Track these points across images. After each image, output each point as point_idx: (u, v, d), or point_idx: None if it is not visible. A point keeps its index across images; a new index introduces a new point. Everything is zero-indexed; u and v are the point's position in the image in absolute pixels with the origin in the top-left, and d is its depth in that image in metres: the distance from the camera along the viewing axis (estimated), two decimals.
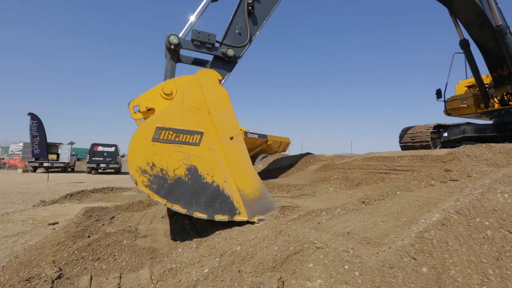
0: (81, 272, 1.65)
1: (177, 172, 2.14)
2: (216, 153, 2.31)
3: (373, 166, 3.72)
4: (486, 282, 0.99)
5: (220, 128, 2.35)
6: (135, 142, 2.04)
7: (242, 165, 2.38)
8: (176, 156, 2.16)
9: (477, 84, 6.17)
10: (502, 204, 1.46)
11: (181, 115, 2.21)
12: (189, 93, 2.28)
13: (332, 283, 1.08)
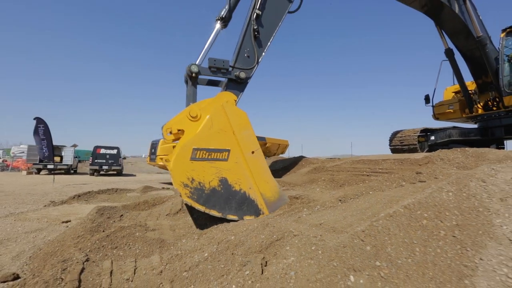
0: (103, 258, 2.00)
1: (211, 183, 2.59)
2: (241, 165, 2.77)
3: (358, 169, 4.07)
4: (412, 256, 1.33)
5: (243, 145, 2.81)
6: (177, 162, 2.48)
7: (263, 174, 2.88)
8: (210, 171, 2.60)
9: (462, 91, 6.54)
10: (443, 201, 1.81)
11: (212, 137, 2.66)
12: (216, 118, 2.73)
13: (301, 259, 1.43)
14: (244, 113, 2.95)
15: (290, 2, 3.97)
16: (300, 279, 1.26)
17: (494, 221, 1.65)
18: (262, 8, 3.69)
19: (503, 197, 1.91)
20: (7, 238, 3.34)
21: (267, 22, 3.79)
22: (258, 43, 3.73)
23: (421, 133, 6.59)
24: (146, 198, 4.72)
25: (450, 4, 5.52)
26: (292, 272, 1.33)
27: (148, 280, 1.65)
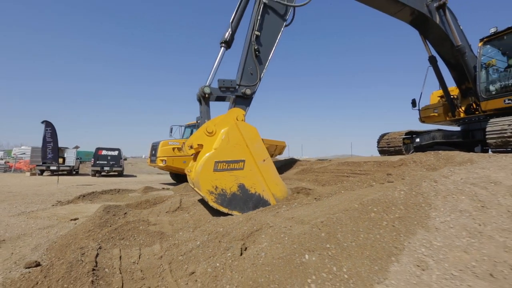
0: (112, 246, 2.38)
1: (232, 189, 3.09)
2: (255, 172, 3.26)
3: (341, 170, 4.45)
4: (356, 240, 1.71)
5: (255, 155, 3.29)
6: (203, 173, 2.98)
7: (273, 178, 3.39)
8: (230, 179, 3.10)
9: (445, 95, 6.92)
10: (394, 198, 2.19)
11: (229, 151, 3.15)
12: (232, 134, 3.23)
13: (271, 244, 1.81)
14: (255, 128, 3.47)
15: (284, 21, 4.33)
16: (268, 258, 1.64)
17: (431, 214, 2.03)
18: (260, 28, 4.06)
19: (446, 195, 2.30)
20: (24, 233, 3.72)
21: (266, 41, 4.16)
22: (259, 61, 4.11)
23: (407, 136, 6.98)
24: (147, 198, 5.11)
25: (431, 15, 5.90)
26: (263, 253, 1.71)
27: (151, 263, 2.04)
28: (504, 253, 1.49)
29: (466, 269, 1.43)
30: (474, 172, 2.85)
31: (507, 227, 1.74)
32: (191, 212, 3.50)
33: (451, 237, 1.72)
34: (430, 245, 1.66)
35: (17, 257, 2.85)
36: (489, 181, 2.47)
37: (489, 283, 1.31)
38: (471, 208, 2.03)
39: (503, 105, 5.53)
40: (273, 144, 14.26)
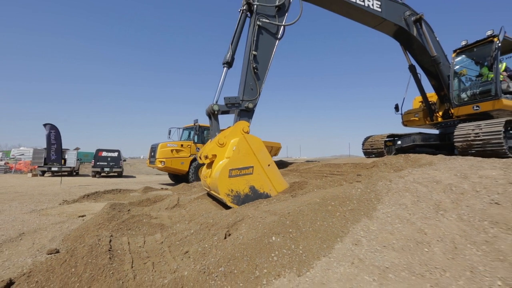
0: (121, 235, 2.87)
1: (244, 191, 3.69)
2: (262, 175, 3.87)
3: (322, 171, 4.97)
4: (312, 226, 2.22)
5: (261, 161, 3.91)
6: (220, 180, 3.59)
7: (277, 178, 4.02)
8: (242, 182, 3.70)
9: (424, 101, 7.46)
10: (351, 194, 2.71)
11: (240, 160, 3.75)
12: (242, 146, 3.85)
13: (248, 230, 2.32)
14: (259, 139, 4.09)
15: (276, 39, 4.83)
16: (244, 239, 2.15)
17: (377, 207, 2.55)
18: (256, 48, 4.55)
19: (394, 192, 2.81)
20: (39, 228, 4.20)
21: (262, 59, 4.66)
22: (258, 77, 4.61)
23: (389, 138, 7.51)
24: (148, 197, 5.60)
25: (409, 28, 6.44)
26: (241, 236, 2.22)
27: (153, 247, 2.54)
28: (416, 234, 2.00)
29: (387, 245, 1.95)
30: (426, 173, 3.37)
31: (429, 216, 2.26)
32: (187, 208, 4.00)
33: (385, 223, 2.23)
34: (367, 229, 2.17)
35: (38, 246, 3.35)
36: (433, 181, 2.99)
37: (398, 254, 1.82)
38: (409, 202, 2.55)
39: (472, 111, 6.07)
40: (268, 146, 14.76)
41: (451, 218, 2.19)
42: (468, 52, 6.43)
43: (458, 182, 2.86)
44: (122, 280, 1.86)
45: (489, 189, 2.58)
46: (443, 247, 1.84)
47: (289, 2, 4.91)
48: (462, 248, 1.81)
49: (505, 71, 6.18)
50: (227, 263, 1.92)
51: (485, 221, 2.07)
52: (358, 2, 5.67)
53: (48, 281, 2.00)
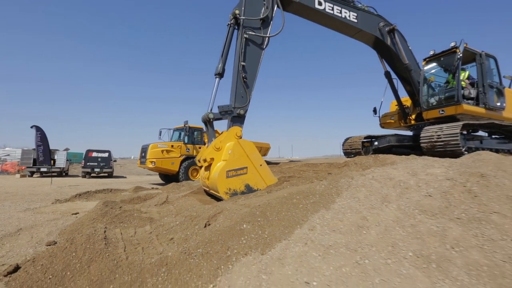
0: (114, 227, 3.23)
1: (240, 189, 4.20)
2: (256, 174, 4.40)
3: (302, 170, 5.42)
4: (278, 216, 2.65)
5: (254, 161, 4.44)
6: (219, 181, 4.09)
7: (268, 176, 4.55)
8: (238, 181, 4.21)
9: (398, 105, 8.04)
10: (315, 189, 3.15)
11: (235, 162, 4.26)
12: (236, 150, 4.36)
13: (225, 220, 2.73)
14: (251, 143, 4.63)
15: (262, 49, 5.24)
16: (220, 227, 2.55)
17: (335, 200, 3.00)
18: (244, 59, 4.96)
19: (353, 187, 3.28)
20: (35, 224, 4.49)
21: (250, 69, 5.07)
22: (247, 85, 5.02)
23: (366, 139, 8.06)
24: (138, 195, 5.93)
25: (383, 38, 6.97)
26: (218, 225, 2.63)
27: (143, 236, 2.92)
28: (360, 220, 2.46)
29: (335, 230, 2.40)
30: (385, 171, 3.86)
31: (374, 206, 2.72)
32: (175, 204, 4.38)
33: (338, 213, 2.68)
34: (323, 218, 2.62)
35: (36, 239, 3.67)
36: (387, 178, 3.47)
37: (342, 235, 2.27)
38: (362, 196, 3.01)
39: (439, 115, 6.66)
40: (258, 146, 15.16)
41: (391, 208, 2.66)
42: (436, 61, 7.02)
43: (407, 178, 3.35)
44: (116, 260, 2.24)
45: (428, 184, 3.07)
46: (378, 230, 2.30)
47: (272, 15, 5.34)
48: (391, 230, 2.27)
49: (468, 79, 6.80)
50: (204, 245, 2.33)
51: (416, 210, 2.54)
52: (336, 14, 6.15)
53: (52, 264, 2.36)
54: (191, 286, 1.99)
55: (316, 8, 5.74)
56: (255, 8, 5.04)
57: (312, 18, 6.10)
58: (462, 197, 2.64)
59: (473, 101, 6.55)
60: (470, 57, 6.78)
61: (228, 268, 2.11)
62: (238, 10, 4.89)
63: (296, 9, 5.72)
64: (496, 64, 6.89)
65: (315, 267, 1.95)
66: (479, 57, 6.60)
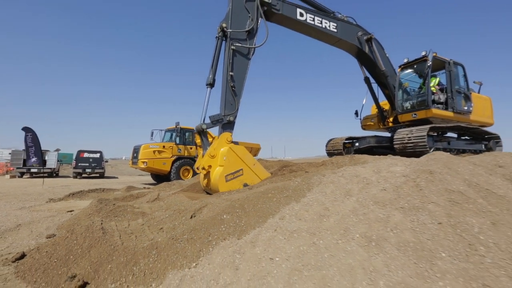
0: (109, 221, 3.59)
1: (240, 188, 4.60)
2: (251, 173, 4.96)
3: (283, 169, 5.85)
4: (254, 207, 3.06)
5: (248, 163, 4.98)
6: (220, 185, 4.68)
7: (262, 172, 5.11)
8: (237, 183, 4.76)
9: (377, 108, 8.60)
10: (289, 185, 3.58)
11: (231, 166, 4.80)
12: (230, 155, 4.86)
13: (208, 212, 3.13)
14: (243, 147, 5.15)
15: (249, 59, 5.65)
16: (204, 217, 2.95)
17: (306, 194, 3.44)
18: (232, 69, 5.35)
19: (324, 184, 3.72)
20: (33, 220, 4.78)
21: (238, 78, 5.47)
22: (235, 93, 5.42)
23: (347, 141, 8.59)
24: (131, 193, 6.25)
25: (362, 46, 7.50)
26: (202, 216, 3.03)
27: (136, 227, 3.29)
28: (322, 211, 2.90)
29: (301, 218, 2.83)
30: (355, 169, 4.32)
31: (338, 199, 3.17)
32: (166, 201, 4.75)
33: (306, 205, 3.12)
34: (292, 209, 3.05)
35: (36, 233, 3.98)
36: (354, 175, 3.93)
37: (305, 223, 2.71)
38: (329, 190, 3.46)
39: (412, 118, 7.23)
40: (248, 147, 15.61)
41: (351, 200, 3.11)
42: (410, 68, 7.60)
43: (370, 175, 3.82)
44: (113, 246, 2.62)
45: (387, 180, 3.54)
46: (335, 218, 2.74)
47: (257, 27, 5.76)
48: (346, 217, 2.72)
49: (438, 85, 7.39)
50: (189, 232, 2.73)
51: (371, 202, 3.00)
52: (317, 24, 6.63)
53: (56, 250, 2.71)
54: (177, 265, 2.39)
55: (298, 19, 6.20)
56: (241, 20, 5.45)
57: (294, 28, 6.55)
58: (409, 191, 3.12)
59: (442, 105, 7.13)
60: (440, 65, 7.37)
61: (209, 250, 2.52)
62: (225, 23, 5.29)
63: (279, 20, 6.16)
64: (464, 71, 7.51)
65: (279, 247, 2.37)
66: (447, 64, 7.20)
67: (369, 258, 2.13)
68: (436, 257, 2.06)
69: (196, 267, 2.34)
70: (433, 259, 2.04)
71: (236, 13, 5.36)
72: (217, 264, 2.30)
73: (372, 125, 8.95)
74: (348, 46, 7.43)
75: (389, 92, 8.08)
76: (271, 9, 5.78)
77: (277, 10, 5.83)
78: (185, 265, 2.38)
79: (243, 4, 5.40)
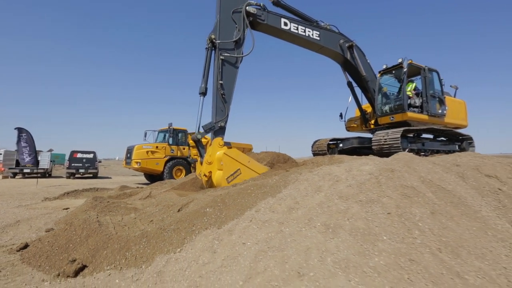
0: (104, 215, 3.94)
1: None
2: (248, 170, 5.45)
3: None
4: (234, 201, 3.46)
5: (243, 162, 5.45)
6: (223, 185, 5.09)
7: (258, 167, 5.64)
8: (238, 181, 5.09)
9: (359, 111, 9.10)
10: (267, 183, 3.99)
11: (229, 169, 5.25)
12: (226, 160, 5.29)
13: (193, 206, 3.52)
14: (236, 149, 5.62)
15: (237, 68, 6.03)
16: (189, 211, 3.34)
17: (282, 190, 3.86)
18: (221, 78, 5.73)
19: (299, 181, 4.15)
20: (31, 217, 5.09)
21: (227, 86, 5.85)
22: (225, 100, 5.80)
23: (331, 142, 9.07)
24: (124, 192, 6.59)
25: (344, 53, 7.97)
26: (188, 209, 3.41)
27: (129, 221, 3.66)
28: (293, 204, 3.32)
29: (274, 211, 3.24)
30: (330, 168, 4.76)
31: (308, 195, 3.60)
32: (157, 198, 5.11)
33: (280, 200, 3.54)
34: (267, 203, 3.47)
35: (35, 228, 4.31)
36: (327, 173, 4.37)
37: (277, 214, 3.12)
38: (302, 187, 3.88)
39: (390, 121, 7.73)
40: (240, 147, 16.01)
41: (320, 195, 3.54)
42: (388, 73, 8.11)
43: (341, 174, 4.26)
44: (108, 235, 2.99)
45: (354, 178, 3.99)
46: (303, 210, 3.16)
47: (244, 37, 6.16)
48: (312, 210, 3.14)
49: (414, 90, 7.92)
50: (176, 223, 3.11)
51: (336, 196, 3.43)
52: (300, 33, 7.07)
53: (56, 240, 3.07)
54: (164, 250, 2.78)
55: (282, 29, 6.62)
56: (228, 31, 5.85)
57: (279, 36, 6.98)
58: (371, 186, 3.56)
59: (418, 109, 7.65)
60: (416, 71, 7.90)
61: (192, 238, 2.91)
62: (214, 34, 5.68)
63: (264, 29, 6.58)
64: (439, 77, 8.05)
65: (252, 234, 2.78)
66: (423, 71, 7.73)
67: (324, 242, 2.55)
68: (379, 239, 2.50)
69: (180, 252, 2.73)
70: (375, 242, 2.47)
71: (223, 24, 5.75)
72: (198, 249, 2.70)
73: (356, 127, 9.45)
74: (331, 53, 7.89)
75: (370, 96, 8.58)
76: (257, 20, 6.18)
77: (262, 20, 6.24)
78: (171, 250, 2.76)
79: (230, 15, 5.79)
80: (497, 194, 3.70)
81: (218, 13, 5.70)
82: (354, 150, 9.06)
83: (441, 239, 2.55)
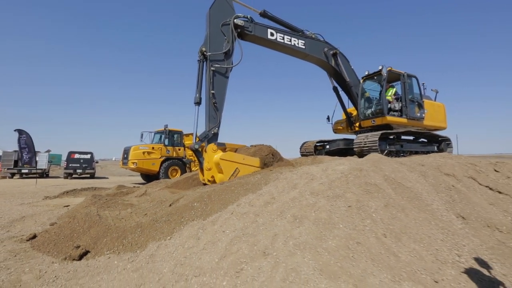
0: (103, 210, 4.39)
1: None
2: (245, 166, 5.94)
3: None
4: (220, 197, 3.93)
5: (239, 160, 5.92)
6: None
7: (252, 161, 6.13)
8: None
9: (345, 114, 9.62)
10: (250, 180, 4.47)
11: (228, 170, 5.72)
12: (224, 164, 5.72)
13: (183, 201, 3.99)
14: (229, 152, 6.10)
15: (227, 78, 6.48)
16: (179, 205, 3.80)
17: (262, 188, 4.34)
18: (213, 88, 6.16)
19: (279, 179, 4.63)
20: (34, 214, 5.52)
21: (219, 95, 6.29)
22: (217, 109, 6.24)
23: (318, 143, 9.57)
24: (121, 191, 7.03)
25: (328, 60, 8.48)
26: (178, 204, 3.88)
27: (126, 215, 4.12)
28: (270, 199, 3.81)
29: (253, 205, 3.72)
30: (308, 168, 5.25)
31: (285, 191, 4.08)
32: (152, 196, 5.58)
33: (259, 195, 4.01)
34: (248, 198, 3.94)
35: (40, 222, 4.75)
36: (305, 172, 4.85)
37: (255, 208, 3.60)
38: (280, 185, 4.36)
39: (371, 124, 8.25)
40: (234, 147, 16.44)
41: (294, 192, 4.03)
42: (370, 79, 8.64)
43: (317, 173, 4.76)
44: (107, 226, 3.45)
45: (327, 176, 4.48)
46: (278, 204, 3.64)
47: (233, 48, 6.62)
48: (285, 204, 3.62)
49: (395, 95, 8.45)
50: (167, 216, 3.58)
51: (308, 192, 3.92)
52: (286, 42, 7.56)
53: (62, 231, 3.53)
54: (156, 238, 3.25)
55: (269, 39, 7.11)
56: (218, 43, 6.31)
57: (266, 45, 7.47)
58: (340, 184, 4.06)
59: (397, 113, 8.19)
60: (396, 77, 8.44)
61: (180, 228, 3.38)
62: (205, 47, 6.13)
63: (252, 39, 7.06)
64: (417, 82, 8.60)
65: (231, 224, 3.26)
66: (402, 77, 8.26)
67: (290, 229, 3.03)
68: (336, 227, 2.99)
69: (170, 239, 3.20)
70: (332, 229, 2.96)
71: (213, 37, 6.22)
72: (185, 236, 3.17)
73: (342, 129, 9.96)
74: (316, 60, 8.39)
75: (354, 100, 9.11)
76: (244, 31, 6.66)
77: (249, 31, 6.72)
78: (162, 238, 3.23)
79: (219, 28, 6.26)
80: (450, 190, 4.22)
81: (208, 26, 6.16)
82: (340, 151, 9.57)
83: (388, 227, 3.05)
